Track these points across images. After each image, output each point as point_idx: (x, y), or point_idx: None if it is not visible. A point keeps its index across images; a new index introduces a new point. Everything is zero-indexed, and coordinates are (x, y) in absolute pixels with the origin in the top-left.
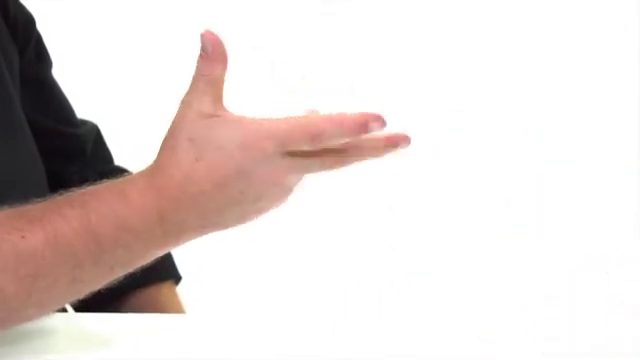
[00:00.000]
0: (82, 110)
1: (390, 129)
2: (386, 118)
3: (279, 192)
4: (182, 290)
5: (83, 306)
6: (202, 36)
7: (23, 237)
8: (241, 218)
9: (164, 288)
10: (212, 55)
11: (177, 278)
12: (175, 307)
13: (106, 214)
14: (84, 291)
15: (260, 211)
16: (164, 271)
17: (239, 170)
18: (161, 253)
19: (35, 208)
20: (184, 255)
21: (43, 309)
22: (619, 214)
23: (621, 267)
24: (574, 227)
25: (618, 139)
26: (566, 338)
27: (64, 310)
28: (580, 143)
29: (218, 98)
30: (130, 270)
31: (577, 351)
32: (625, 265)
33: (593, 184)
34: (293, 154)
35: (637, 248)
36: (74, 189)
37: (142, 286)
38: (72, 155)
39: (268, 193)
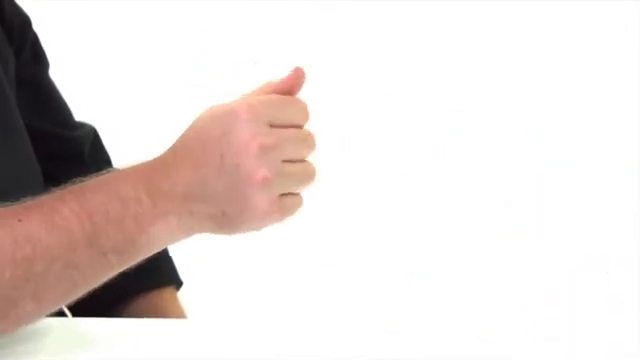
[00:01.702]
0: (80, 112)
1: (390, 129)
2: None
3: (256, 169)
4: (183, 295)
5: (85, 309)
6: (296, 69)
7: (20, 220)
8: (223, 197)
9: (165, 293)
10: (287, 78)
11: (178, 283)
12: (176, 312)
13: (98, 185)
14: (79, 284)
15: (239, 191)
16: (165, 276)
17: (222, 130)
18: (153, 237)
19: (35, 199)
20: (185, 260)
21: (40, 303)
22: (619, 214)
23: (621, 267)
24: (574, 227)
25: (618, 139)
26: (566, 338)
27: (63, 314)
28: (580, 143)
29: None
30: (125, 261)
31: (577, 351)
32: (625, 265)
33: (593, 184)
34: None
35: (637, 248)
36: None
37: (143, 291)
38: (70, 158)
39: (246, 162)
